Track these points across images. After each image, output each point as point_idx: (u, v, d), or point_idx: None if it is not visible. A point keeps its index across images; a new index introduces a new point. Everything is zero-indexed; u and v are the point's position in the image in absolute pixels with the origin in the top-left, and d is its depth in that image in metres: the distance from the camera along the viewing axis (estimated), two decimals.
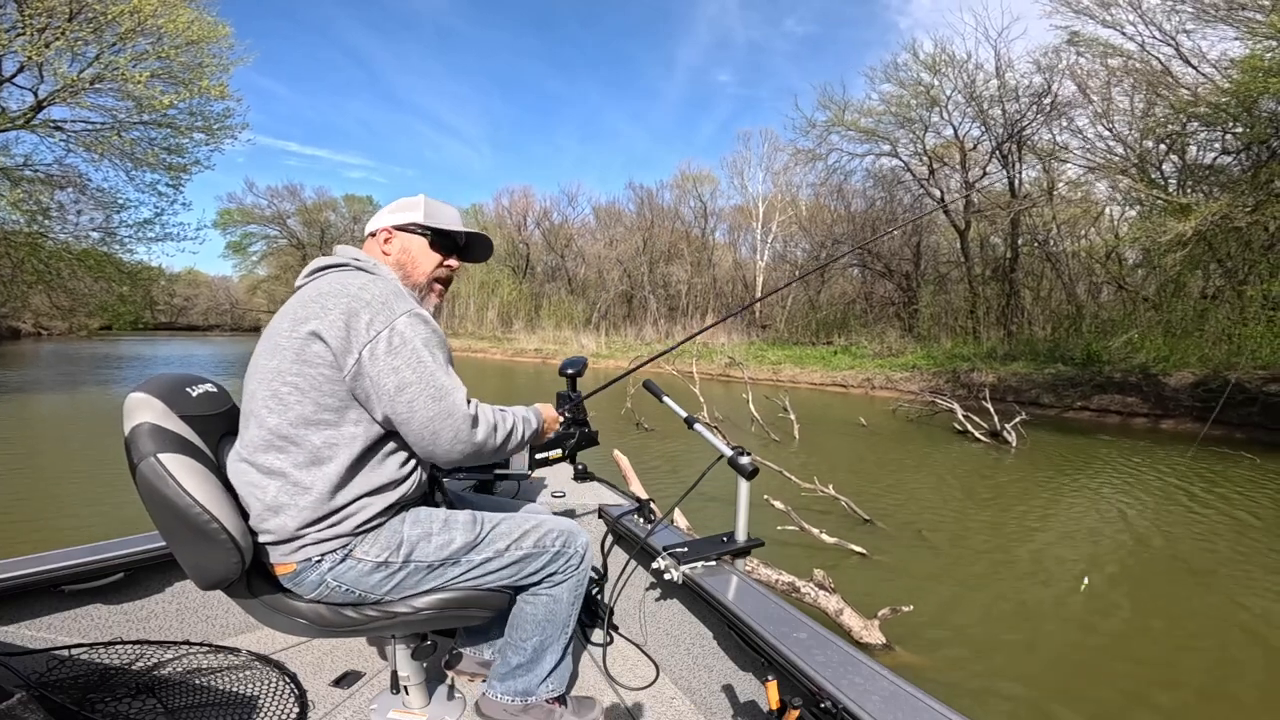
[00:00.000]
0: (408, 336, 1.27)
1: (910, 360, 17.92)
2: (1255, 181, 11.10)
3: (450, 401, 1.28)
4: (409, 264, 1.49)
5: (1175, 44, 12.64)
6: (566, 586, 1.55)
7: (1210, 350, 12.84)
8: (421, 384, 1.26)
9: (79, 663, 1.67)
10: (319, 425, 1.28)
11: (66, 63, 13.11)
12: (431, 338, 1.30)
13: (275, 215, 49.08)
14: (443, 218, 1.52)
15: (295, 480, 1.27)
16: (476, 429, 1.32)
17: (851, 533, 4.64)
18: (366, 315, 1.26)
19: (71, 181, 15.16)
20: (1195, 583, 4.22)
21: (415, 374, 1.26)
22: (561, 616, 1.56)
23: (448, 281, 1.57)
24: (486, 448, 1.35)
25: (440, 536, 1.40)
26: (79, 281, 16.38)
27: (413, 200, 1.52)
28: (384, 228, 1.50)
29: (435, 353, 1.30)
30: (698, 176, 36.59)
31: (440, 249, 1.52)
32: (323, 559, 1.30)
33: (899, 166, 22.63)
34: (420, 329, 1.29)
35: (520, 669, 1.57)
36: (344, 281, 1.31)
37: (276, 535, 1.28)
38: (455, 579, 1.42)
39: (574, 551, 1.55)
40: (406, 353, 1.26)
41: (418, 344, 1.27)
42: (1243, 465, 7.85)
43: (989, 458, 8.26)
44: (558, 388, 2.02)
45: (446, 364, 1.32)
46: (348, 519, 1.31)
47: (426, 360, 1.27)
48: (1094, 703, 2.86)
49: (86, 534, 4.53)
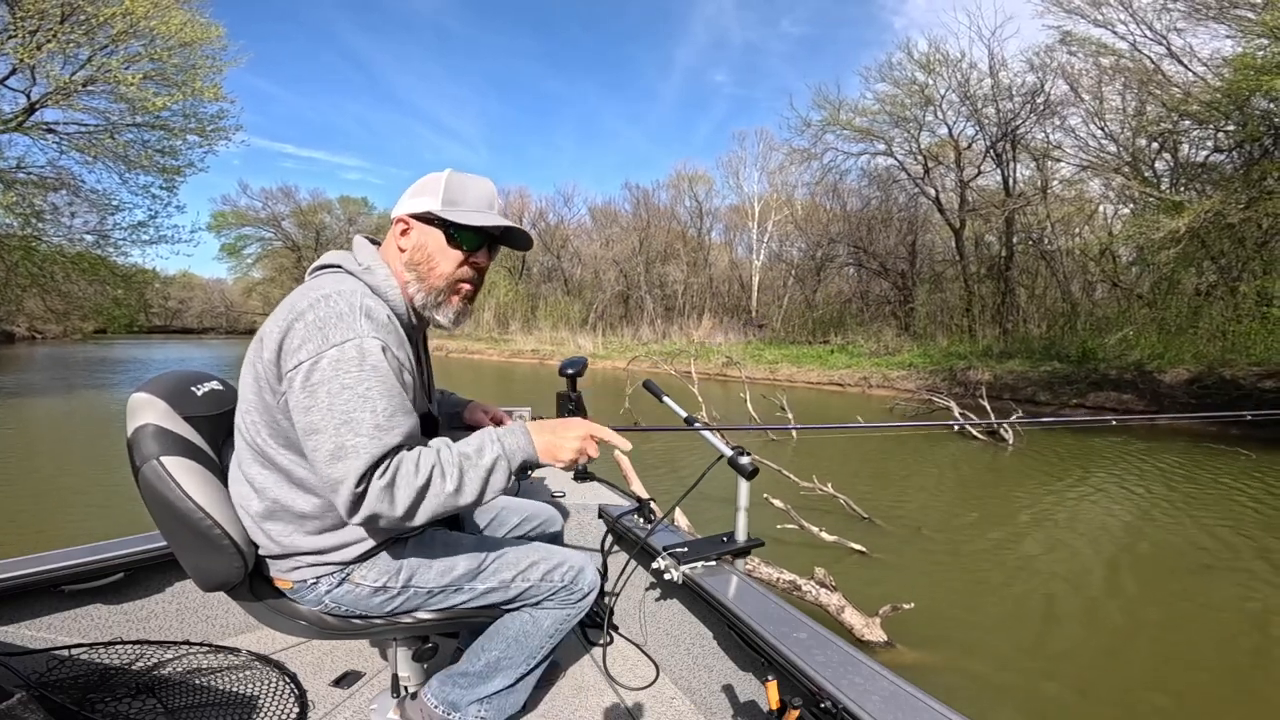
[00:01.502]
0: (327, 376, 1.07)
1: (907, 359, 17.94)
2: (1248, 179, 11.16)
3: (343, 467, 1.04)
4: (424, 264, 1.26)
5: (1166, 43, 12.73)
6: (552, 615, 1.43)
7: (1204, 347, 12.91)
8: (324, 435, 1.06)
9: (79, 663, 1.67)
10: (289, 447, 1.19)
11: (59, 65, 13.11)
12: (364, 379, 1.08)
13: (270, 217, 48.96)
14: (467, 202, 1.25)
15: (277, 499, 1.22)
16: (377, 506, 1.06)
17: (851, 531, 4.64)
18: (299, 337, 1.09)
19: (65, 184, 15.13)
20: (1195, 579, 4.24)
21: (323, 420, 1.06)
22: (531, 643, 1.43)
23: (476, 282, 1.32)
24: (408, 523, 1.09)
25: (442, 563, 1.34)
26: (73, 284, 16.37)
27: (434, 179, 1.27)
28: (401, 216, 1.28)
29: (361, 399, 1.07)
30: (693, 176, 36.69)
31: (461, 245, 1.26)
32: (319, 581, 1.27)
33: (894, 166, 22.73)
34: (349, 369, 1.07)
35: (464, 679, 1.45)
36: (309, 290, 1.17)
37: (266, 551, 1.25)
38: (458, 604, 1.37)
39: (579, 588, 1.44)
40: (321, 394, 1.06)
41: (336, 386, 1.06)
42: (1239, 461, 7.90)
43: (986, 455, 8.28)
44: (556, 388, 2.02)
45: (378, 412, 1.07)
46: (341, 549, 1.26)
47: (340, 407, 1.06)
48: (1095, 698, 2.86)
49: (85, 535, 4.52)
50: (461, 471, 1.11)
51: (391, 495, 1.06)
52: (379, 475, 1.05)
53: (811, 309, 27.60)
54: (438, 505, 1.09)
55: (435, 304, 1.28)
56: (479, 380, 20.39)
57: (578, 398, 2.03)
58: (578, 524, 2.33)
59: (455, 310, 1.30)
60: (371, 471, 1.05)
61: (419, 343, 1.38)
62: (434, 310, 1.29)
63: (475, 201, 1.26)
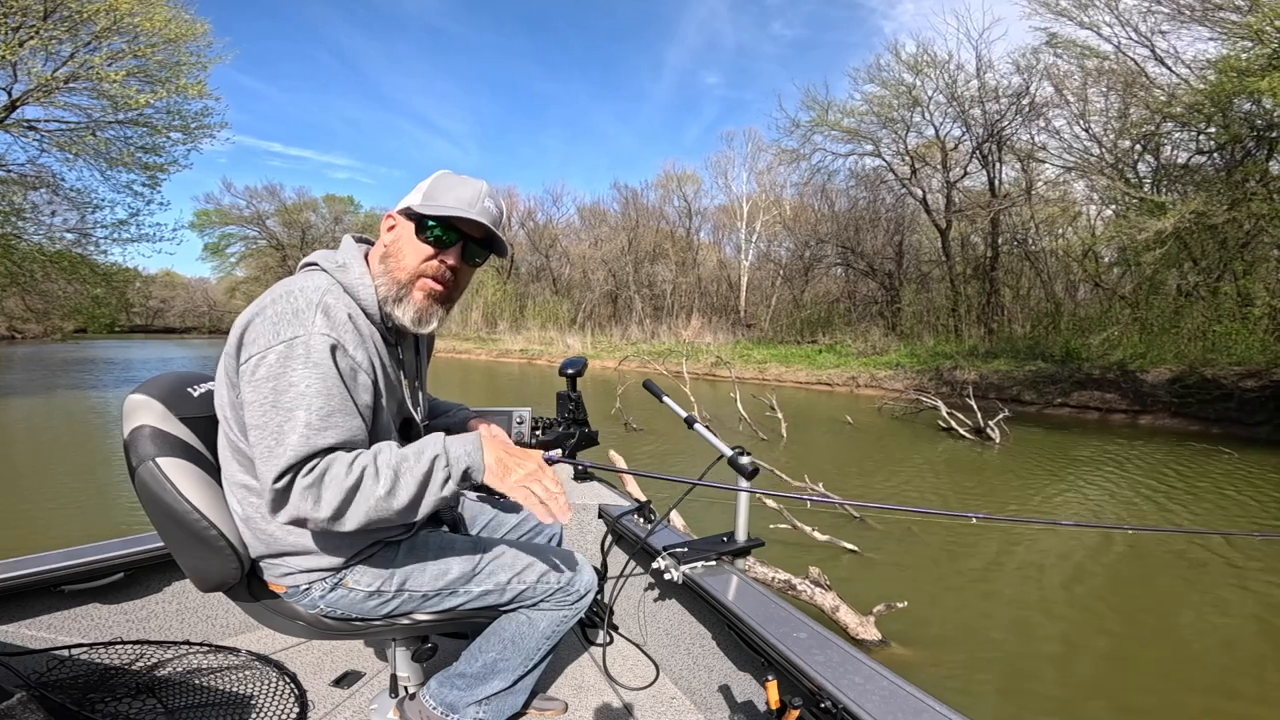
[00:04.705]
0: (273, 372, 1.05)
1: (894, 358, 18.08)
2: (1230, 180, 11.33)
3: (269, 465, 1.03)
4: (393, 256, 1.22)
5: (1151, 44, 12.90)
6: (548, 617, 1.42)
7: (1186, 347, 13.10)
8: (263, 430, 1.04)
9: (79, 663, 1.66)
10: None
11: (41, 62, 12.92)
12: (305, 377, 1.05)
13: (254, 216, 48.54)
14: (446, 200, 1.20)
15: (250, 490, 1.20)
16: (300, 506, 1.03)
17: (842, 530, 4.67)
18: (254, 331, 1.09)
19: (45, 182, 14.93)
20: (1183, 575, 4.31)
21: (262, 416, 1.05)
22: (528, 645, 1.42)
23: (443, 280, 1.24)
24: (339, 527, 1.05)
25: (436, 566, 1.33)
26: (53, 283, 16.12)
27: (428, 179, 1.26)
28: (390, 212, 1.27)
29: (300, 396, 1.05)
30: (682, 176, 36.77)
31: (429, 238, 1.21)
32: (310, 587, 1.25)
33: (882, 166, 22.92)
34: (293, 366, 1.06)
35: (461, 680, 1.45)
36: (277, 285, 1.15)
37: (254, 550, 1.24)
38: (454, 607, 1.36)
39: (575, 589, 1.43)
40: (265, 389, 1.05)
41: (281, 383, 1.05)
42: (1220, 460, 8.01)
43: (974, 454, 8.36)
44: (546, 388, 2.02)
45: (312, 410, 1.04)
46: (330, 553, 1.24)
47: (279, 403, 1.04)
48: (1085, 693, 2.90)
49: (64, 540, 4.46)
50: (396, 475, 1.05)
51: (317, 495, 1.02)
52: (304, 474, 1.03)
53: (799, 309, 27.72)
54: (369, 509, 1.04)
55: (397, 299, 1.22)
56: (466, 380, 20.31)
57: (578, 397, 2.03)
58: (578, 524, 2.33)
59: (416, 308, 1.23)
60: (295, 470, 1.03)
61: (402, 345, 1.34)
62: (395, 305, 1.22)
63: (455, 199, 1.20)
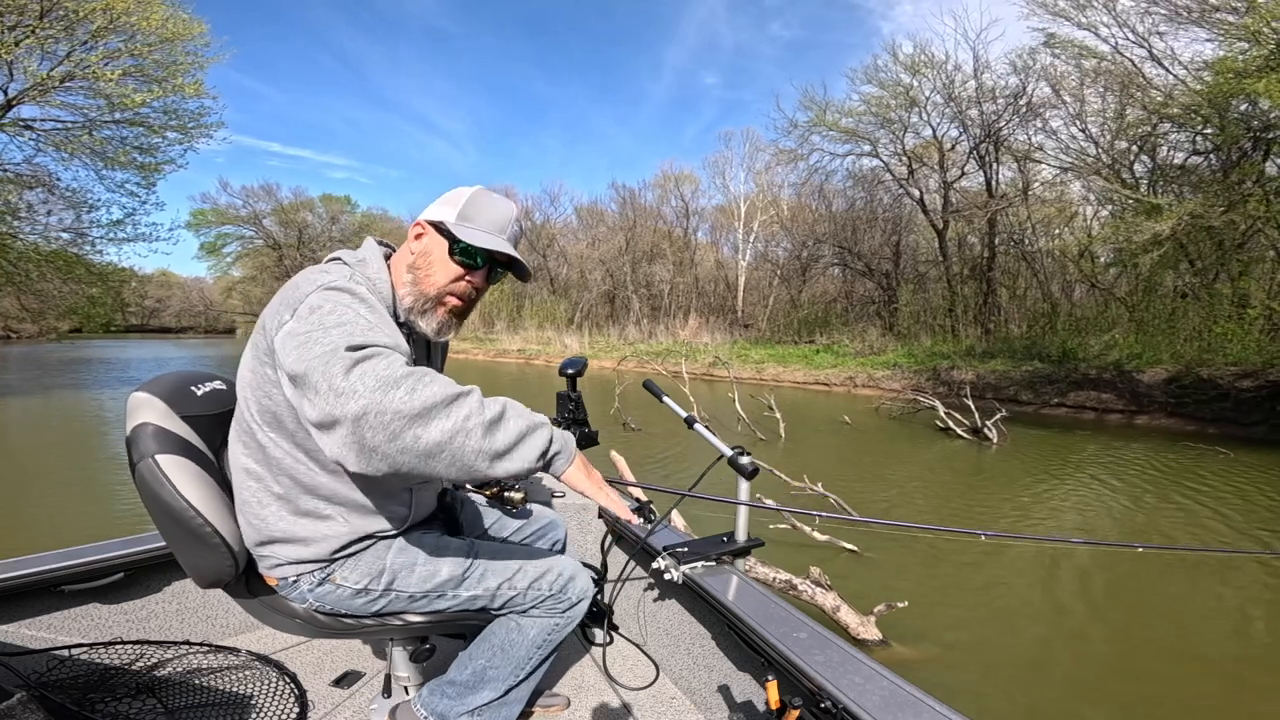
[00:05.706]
0: (315, 305, 1.02)
1: (891, 358, 18.11)
2: (1227, 182, 11.36)
3: (336, 364, 0.89)
4: (423, 269, 1.24)
5: (1148, 45, 12.94)
6: (539, 624, 1.38)
7: (1182, 347, 13.13)
8: (313, 345, 0.94)
9: (79, 663, 1.66)
10: (272, 425, 1.17)
11: (37, 61, 12.84)
12: (348, 303, 1.04)
13: (251, 215, 48.41)
14: (480, 221, 1.24)
15: (249, 471, 1.21)
16: (375, 391, 0.86)
17: (841, 530, 4.67)
18: (284, 296, 1.08)
19: (41, 181, 14.83)
20: (1183, 576, 4.32)
21: (312, 337, 0.96)
22: (517, 653, 1.38)
23: (468, 299, 1.29)
24: (420, 437, 0.87)
25: (425, 568, 1.31)
26: (48, 283, 16.01)
27: (461, 193, 1.27)
28: (420, 220, 1.28)
29: (348, 317, 1.01)
30: (679, 176, 36.80)
31: (461, 260, 1.24)
32: (299, 580, 1.25)
33: (879, 166, 22.94)
34: (333, 298, 1.04)
35: (452, 688, 1.41)
36: (302, 272, 1.17)
37: (249, 540, 1.25)
38: (443, 609, 1.34)
39: (568, 597, 1.40)
40: (309, 322, 0.99)
41: (323, 312, 1.01)
42: (1216, 460, 8.04)
43: (971, 454, 8.38)
44: (545, 389, 2.01)
45: (367, 324, 1.01)
46: (319, 542, 1.23)
47: (329, 323, 0.98)
48: (1084, 692, 2.91)
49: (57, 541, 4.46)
50: (504, 411, 0.97)
51: (396, 379, 0.88)
52: (372, 357, 0.91)
53: (797, 309, 27.75)
54: (457, 428, 0.89)
55: (421, 310, 1.25)
56: (465, 381, 20.19)
57: (578, 397, 2.03)
58: (578, 524, 2.34)
59: (439, 321, 1.26)
60: (359, 352, 0.92)
61: (413, 343, 1.34)
62: (418, 316, 1.25)
63: (489, 223, 1.25)
